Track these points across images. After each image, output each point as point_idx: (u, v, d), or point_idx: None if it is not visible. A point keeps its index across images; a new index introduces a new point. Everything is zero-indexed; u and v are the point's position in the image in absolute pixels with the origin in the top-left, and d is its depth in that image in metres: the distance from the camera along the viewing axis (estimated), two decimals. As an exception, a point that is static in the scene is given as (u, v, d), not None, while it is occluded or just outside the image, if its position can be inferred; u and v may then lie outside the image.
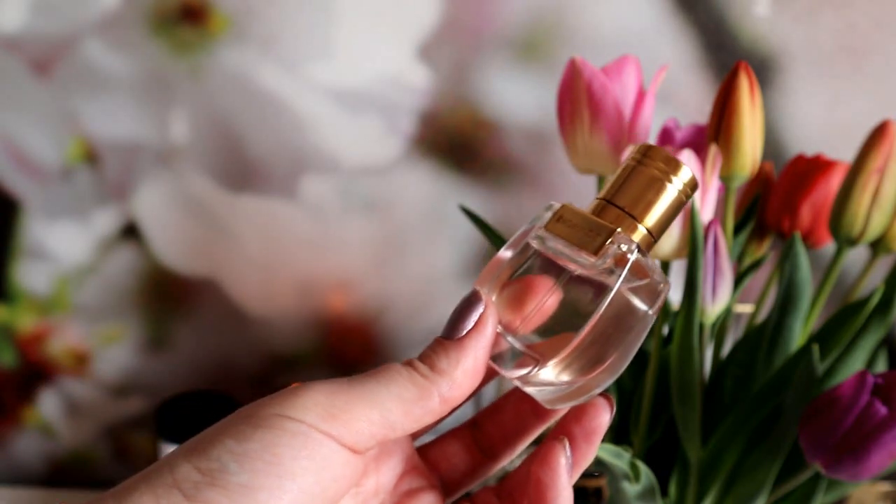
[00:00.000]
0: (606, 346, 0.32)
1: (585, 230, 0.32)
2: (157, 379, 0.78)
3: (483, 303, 0.32)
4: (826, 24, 0.67)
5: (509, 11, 0.67)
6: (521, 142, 0.70)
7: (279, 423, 0.29)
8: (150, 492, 0.28)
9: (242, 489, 0.28)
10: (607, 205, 0.33)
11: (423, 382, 0.31)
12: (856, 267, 0.65)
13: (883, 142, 0.44)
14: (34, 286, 0.75)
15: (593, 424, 0.33)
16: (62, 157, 0.72)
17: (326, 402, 0.29)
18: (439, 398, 0.31)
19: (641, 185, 0.32)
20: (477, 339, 0.31)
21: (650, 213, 0.32)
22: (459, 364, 0.31)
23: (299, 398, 0.30)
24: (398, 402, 0.30)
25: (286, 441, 0.29)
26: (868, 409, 0.40)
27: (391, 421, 0.30)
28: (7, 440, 0.80)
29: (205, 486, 0.28)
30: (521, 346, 0.32)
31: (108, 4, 0.68)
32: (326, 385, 0.30)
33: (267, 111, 0.70)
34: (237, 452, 0.28)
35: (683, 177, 0.32)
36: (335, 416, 0.29)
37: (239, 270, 0.75)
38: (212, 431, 0.30)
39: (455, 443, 0.36)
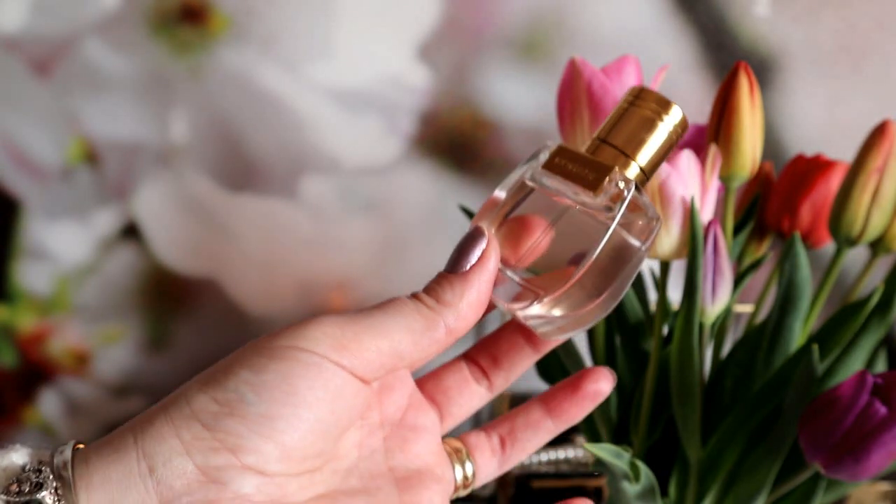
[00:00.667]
0: (602, 281, 0.33)
1: (583, 168, 0.33)
2: (157, 379, 0.78)
3: (485, 238, 0.33)
4: (826, 24, 0.67)
5: (509, 11, 0.67)
6: (521, 142, 0.70)
7: (293, 354, 0.30)
8: (168, 423, 0.29)
9: (261, 418, 0.29)
10: (602, 144, 0.34)
11: (430, 314, 0.32)
12: (856, 267, 0.65)
13: (883, 141, 0.44)
14: (34, 286, 0.75)
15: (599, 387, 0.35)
16: (62, 157, 0.72)
17: (337, 334, 0.30)
18: (445, 329, 0.32)
19: (634, 125, 0.33)
20: (480, 272, 0.32)
21: (643, 152, 0.33)
22: (464, 296, 0.32)
23: (311, 330, 0.30)
24: (406, 333, 0.31)
25: (301, 371, 0.29)
26: (868, 409, 0.40)
27: (399, 351, 0.31)
28: (7, 440, 0.80)
29: (224, 416, 0.29)
30: (520, 280, 0.33)
31: (108, 4, 0.68)
32: (336, 317, 0.31)
33: (267, 111, 0.70)
34: (254, 383, 0.29)
35: (675, 116, 0.34)
36: (346, 347, 0.30)
37: (239, 270, 0.75)
38: (225, 363, 0.30)
39: (451, 376, 0.37)
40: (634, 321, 0.50)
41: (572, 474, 0.67)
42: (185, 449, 0.28)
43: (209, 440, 0.28)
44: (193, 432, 0.28)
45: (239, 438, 0.28)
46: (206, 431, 0.28)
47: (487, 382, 0.37)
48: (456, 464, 0.36)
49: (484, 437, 0.37)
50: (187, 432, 0.28)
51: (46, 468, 0.29)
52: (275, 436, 0.29)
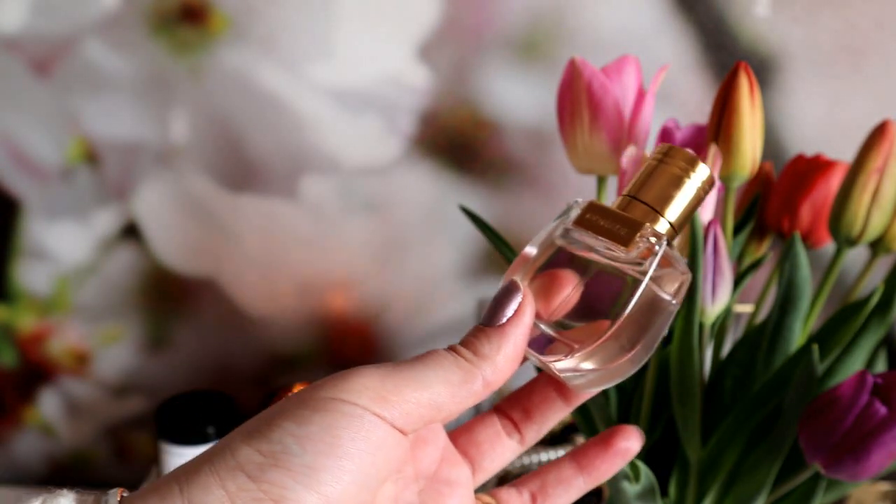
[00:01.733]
0: (635, 335, 0.33)
1: (615, 224, 0.34)
2: (157, 379, 0.78)
3: (521, 292, 0.33)
4: (826, 24, 0.67)
5: (509, 11, 0.67)
6: (521, 142, 0.70)
7: (336, 406, 0.30)
8: (213, 474, 0.29)
9: (306, 469, 0.29)
10: (632, 200, 0.35)
11: (468, 367, 0.32)
12: (856, 267, 0.65)
13: (883, 142, 0.44)
14: (34, 286, 0.75)
15: (629, 445, 0.36)
16: (62, 157, 0.72)
17: (378, 386, 0.31)
18: (483, 381, 0.32)
19: (664, 183, 0.34)
20: (517, 325, 0.33)
21: (672, 208, 0.34)
22: (501, 349, 0.32)
23: (351, 382, 0.31)
24: (445, 386, 0.32)
25: (344, 423, 0.30)
26: (868, 409, 0.40)
27: (438, 403, 0.32)
28: (7, 440, 0.80)
29: (268, 468, 0.29)
30: (554, 334, 0.34)
31: (108, 4, 0.68)
32: (376, 369, 0.31)
33: (267, 111, 0.70)
34: (298, 435, 0.29)
35: (702, 174, 0.34)
36: (386, 399, 0.31)
37: (239, 270, 0.75)
38: (268, 415, 0.31)
39: (484, 430, 0.37)
40: (634, 321, 0.50)
41: (572, 474, 0.67)
42: (231, 499, 0.29)
43: (254, 491, 0.29)
44: (238, 483, 0.29)
45: (283, 489, 0.29)
46: (251, 483, 0.29)
47: (519, 436, 0.37)
48: None
49: (515, 493, 0.37)
50: (232, 483, 0.29)
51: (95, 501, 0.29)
52: (319, 487, 0.29)
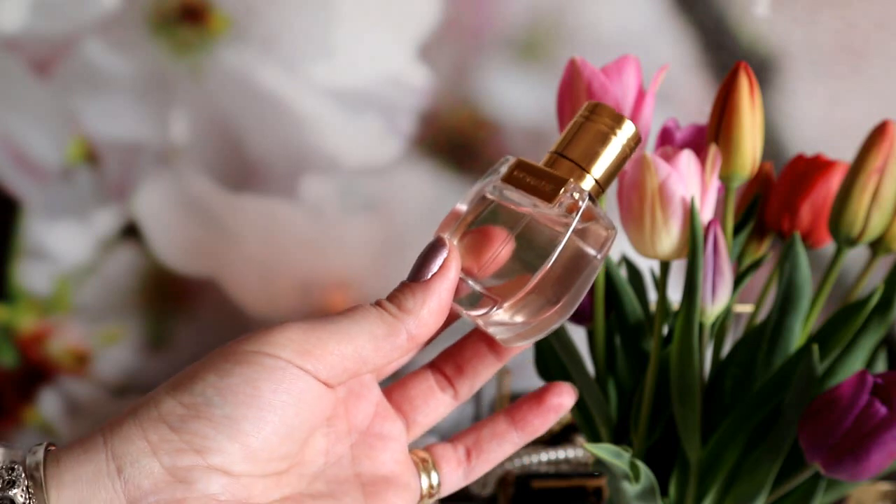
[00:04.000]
0: (559, 289, 0.34)
1: (540, 180, 0.34)
2: (157, 379, 0.78)
3: (447, 248, 0.34)
4: (826, 24, 0.67)
5: (509, 11, 0.67)
6: (521, 142, 0.70)
7: (258, 359, 0.30)
8: (137, 425, 0.30)
9: (226, 420, 0.30)
10: (559, 157, 0.35)
11: (392, 320, 0.33)
12: (856, 267, 0.65)
13: (883, 142, 0.44)
14: (34, 286, 0.75)
15: (561, 401, 0.37)
16: (62, 157, 0.72)
17: (301, 339, 0.31)
18: (406, 335, 0.33)
19: (590, 140, 0.35)
20: (441, 281, 0.33)
21: (598, 164, 0.35)
22: (425, 304, 0.33)
23: (275, 335, 0.31)
24: (369, 338, 0.32)
25: (266, 376, 0.30)
26: (868, 409, 0.40)
27: (363, 356, 0.32)
28: (7, 440, 0.80)
29: (190, 419, 0.29)
30: (480, 289, 0.34)
31: (108, 4, 0.68)
32: (300, 323, 0.32)
33: (267, 111, 0.70)
34: (219, 387, 0.30)
35: (627, 131, 0.35)
36: (310, 352, 0.31)
37: (239, 270, 0.75)
38: (192, 369, 0.31)
39: (417, 385, 0.38)
40: (634, 321, 0.50)
41: (572, 474, 0.67)
42: (153, 450, 0.29)
43: (176, 442, 0.29)
44: (161, 434, 0.29)
45: (205, 440, 0.29)
46: (173, 433, 0.29)
47: (453, 391, 0.38)
48: (422, 473, 0.37)
49: (450, 448, 0.38)
50: (154, 434, 0.29)
51: (19, 467, 0.30)
52: (240, 437, 0.30)
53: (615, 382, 0.51)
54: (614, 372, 0.51)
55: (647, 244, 0.44)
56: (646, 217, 0.43)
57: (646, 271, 0.54)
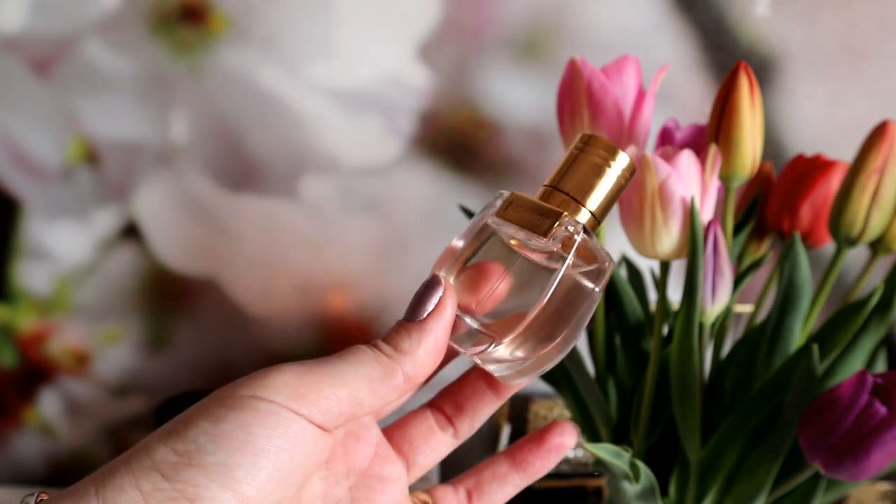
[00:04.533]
0: (557, 324, 0.34)
1: (535, 214, 0.34)
2: (157, 379, 0.78)
3: (442, 286, 0.33)
4: (826, 24, 0.67)
5: (509, 11, 0.67)
6: (521, 142, 0.70)
7: (252, 403, 0.30)
8: (129, 474, 0.29)
9: (219, 467, 0.29)
10: (553, 191, 0.35)
11: (388, 362, 0.32)
12: (856, 267, 0.65)
13: (883, 142, 0.44)
14: (34, 286, 0.75)
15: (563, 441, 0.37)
16: (62, 157, 0.72)
17: (296, 383, 0.31)
18: (403, 376, 0.32)
19: (584, 172, 0.35)
20: (437, 320, 0.33)
21: (593, 197, 0.35)
22: (421, 344, 0.33)
23: (269, 379, 0.31)
24: (365, 381, 0.32)
25: (260, 421, 0.30)
26: (868, 409, 0.40)
27: (359, 399, 0.32)
28: (7, 440, 0.80)
29: (182, 467, 0.29)
30: (478, 326, 0.34)
31: (108, 4, 0.68)
32: (295, 366, 0.31)
33: (267, 111, 0.70)
34: (212, 433, 0.29)
35: (621, 162, 0.35)
36: (304, 396, 0.30)
37: (239, 270, 0.75)
38: (185, 415, 0.30)
39: (417, 425, 0.38)
40: (634, 321, 0.50)
41: (572, 474, 0.67)
42: (145, 500, 0.28)
43: (168, 490, 0.29)
44: (153, 483, 0.29)
45: (197, 488, 0.29)
46: (166, 482, 0.29)
47: (453, 430, 0.38)
48: None
49: (451, 490, 0.38)
50: (147, 483, 0.29)
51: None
52: (233, 485, 0.29)
53: (615, 382, 0.51)
54: (614, 372, 0.51)
55: (647, 244, 0.44)
56: (646, 217, 0.43)
57: (646, 271, 0.54)
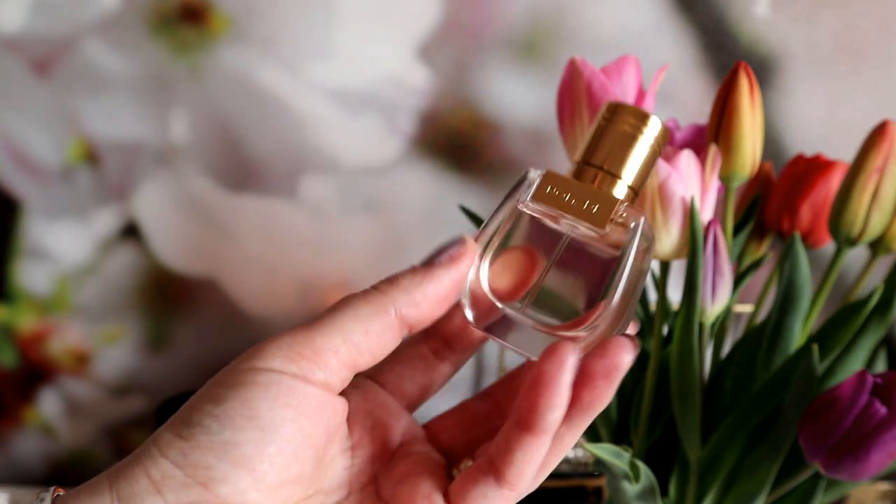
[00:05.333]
0: (623, 307, 0.32)
1: (582, 200, 0.32)
2: (157, 379, 0.78)
3: (465, 242, 0.32)
4: (826, 24, 0.67)
5: (509, 11, 0.67)
6: (521, 142, 0.70)
7: (250, 377, 0.29)
8: (139, 465, 0.29)
9: (227, 446, 0.28)
10: (587, 167, 0.33)
11: (378, 297, 0.31)
12: (856, 267, 0.65)
13: (883, 142, 0.44)
14: (34, 286, 0.75)
15: (615, 361, 0.30)
16: (62, 157, 0.72)
17: (290, 343, 0.30)
18: (395, 312, 0.31)
19: (615, 143, 0.33)
20: (446, 269, 0.31)
21: (627, 169, 0.33)
22: (420, 285, 0.31)
23: (263, 348, 0.30)
24: (356, 321, 0.30)
25: (260, 394, 0.29)
26: (867, 408, 0.40)
27: (355, 342, 0.30)
28: (7, 440, 0.80)
29: (190, 451, 0.28)
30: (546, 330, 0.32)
31: (108, 4, 0.68)
32: (289, 331, 0.30)
33: (267, 111, 0.70)
34: (216, 414, 0.29)
35: (654, 129, 0.33)
36: (300, 355, 0.29)
37: (239, 270, 0.75)
38: (190, 401, 0.30)
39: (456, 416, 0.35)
40: (634, 321, 0.50)
41: (572, 474, 0.67)
42: (157, 488, 0.28)
43: (179, 477, 0.28)
44: (163, 470, 0.28)
45: (208, 470, 0.28)
46: (176, 469, 0.28)
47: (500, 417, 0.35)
48: None
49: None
50: (156, 471, 0.28)
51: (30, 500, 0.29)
52: (244, 462, 0.28)
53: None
54: (614, 372, 0.51)
55: (647, 244, 0.44)
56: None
57: (646, 271, 0.54)
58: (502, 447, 0.29)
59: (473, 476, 0.30)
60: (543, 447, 0.29)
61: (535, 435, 0.28)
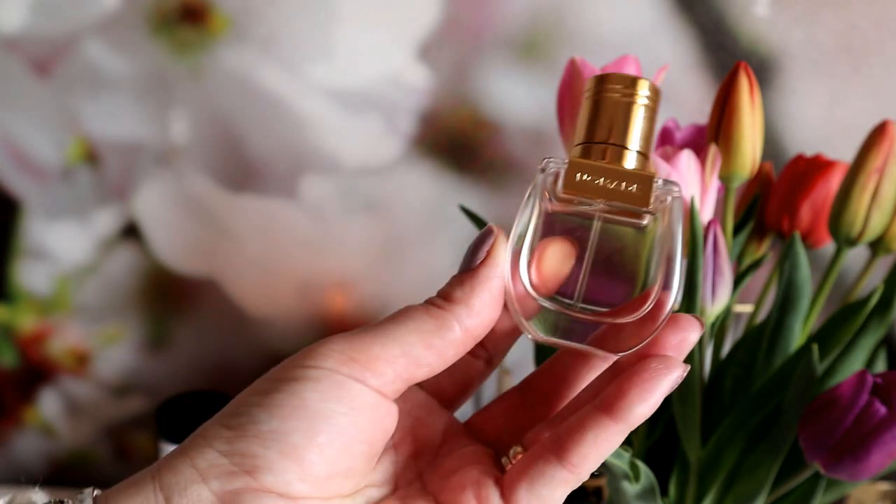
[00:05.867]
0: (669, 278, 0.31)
1: (618, 181, 0.31)
2: (157, 379, 0.78)
3: (494, 234, 0.31)
4: (826, 24, 0.67)
5: (509, 11, 0.67)
6: (521, 142, 0.70)
7: (301, 373, 0.29)
8: (184, 456, 0.29)
9: (274, 434, 0.28)
10: (591, 145, 0.32)
11: (441, 313, 0.30)
12: (855, 267, 0.65)
13: (882, 142, 0.44)
14: (34, 286, 0.75)
15: (684, 335, 0.30)
16: (62, 157, 0.72)
17: (345, 348, 0.29)
18: (459, 327, 0.30)
19: (612, 113, 0.32)
20: (490, 266, 0.31)
21: (632, 137, 0.32)
22: (474, 292, 0.30)
23: (317, 349, 0.29)
24: (417, 335, 0.30)
25: (311, 386, 0.28)
26: (867, 408, 0.40)
27: (413, 356, 0.30)
28: (7, 440, 0.80)
29: (236, 440, 0.28)
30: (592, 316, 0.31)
31: (108, 4, 0.68)
32: (345, 334, 0.30)
33: (267, 111, 0.70)
34: (264, 403, 0.28)
35: (644, 90, 0.32)
36: (355, 359, 0.29)
37: (239, 270, 0.75)
38: (238, 397, 0.30)
39: (500, 406, 0.34)
40: (634, 321, 0.49)
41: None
42: (202, 476, 0.28)
43: (226, 465, 0.28)
44: (209, 460, 0.28)
45: (254, 458, 0.28)
46: (222, 458, 0.28)
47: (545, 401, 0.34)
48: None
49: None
50: (202, 460, 0.28)
51: (69, 501, 0.29)
52: (292, 452, 0.28)
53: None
54: (614, 372, 0.51)
55: (647, 244, 0.44)
56: (646, 217, 0.43)
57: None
58: (575, 427, 0.29)
59: (536, 454, 0.30)
60: (618, 436, 0.29)
61: (616, 421, 0.28)
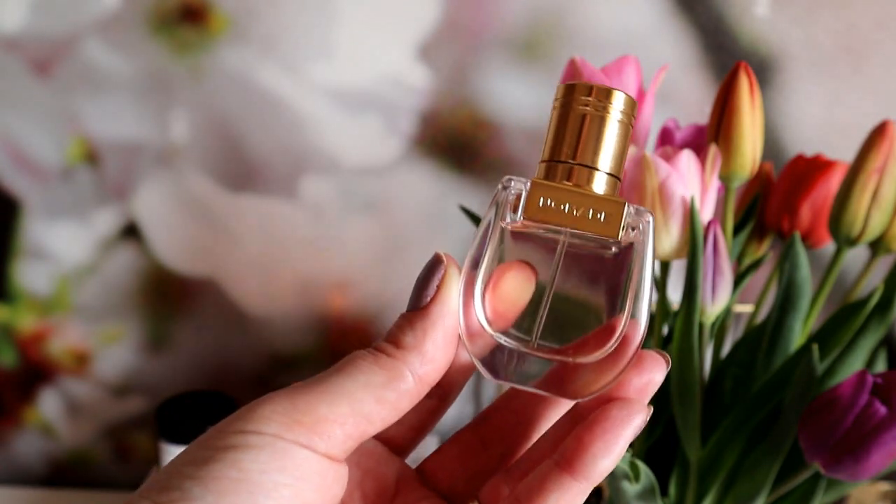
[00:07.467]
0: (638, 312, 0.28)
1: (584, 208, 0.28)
2: (157, 379, 0.78)
3: (443, 265, 0.28)
4: (826, 24, 0.67)
5: (509, 11, 0.67)
6: (521, 142, 0.70)
7: (240, 439, 0.25)
8: None
9: None
10: (556, 164, 0.28)
11: (391, 362, 0.27)
12: (856, 267, 0.65)
13: (882, 142, 0.44)
14: (34, 286, 0.75)
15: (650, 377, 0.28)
16: (62, 157, 0.72)
17: (288, 409, 0.26)
18: (413, 377, 0.27)
19: (580, 129, 0.28)
20: (441, 303, 0.28)
21: (602, 155, 0.28)
22: (427, 335, 0.27)
23: (257, 410, 0.26)
24: (367, 390, 0.26)
25: (251, 456, 0.25)
26: (867, 408, 0.40)
27: (364, 413, 0.26)
28: (7, 440, 0.80)
29: None
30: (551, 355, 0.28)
31: (108, 4, 0.68)
32: (287, 391, 0.26)
33: (267, 111, 0.70)
34: (198, 476, 0.25)
35: (618, 103, 0.28)
36: (300, 422, 0.26)
37: (239, 270, 0.75)
38: (169, 464, 0.26)
39: (454, 448, 0.31)
40: (634, 321, 0.49)
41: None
42: None
43: None
44: None
45: None
46: None
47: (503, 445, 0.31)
48: None
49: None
50: None
51: None
52: None
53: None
54: (614, 372, 0.51)
55: (647, 244, 0.44)
56: (646, 217, 0.43)
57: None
58: (535, 488, 0.27)
59: None
60: (581, 495, 0.27)
61: (578, 480, 0.26)
